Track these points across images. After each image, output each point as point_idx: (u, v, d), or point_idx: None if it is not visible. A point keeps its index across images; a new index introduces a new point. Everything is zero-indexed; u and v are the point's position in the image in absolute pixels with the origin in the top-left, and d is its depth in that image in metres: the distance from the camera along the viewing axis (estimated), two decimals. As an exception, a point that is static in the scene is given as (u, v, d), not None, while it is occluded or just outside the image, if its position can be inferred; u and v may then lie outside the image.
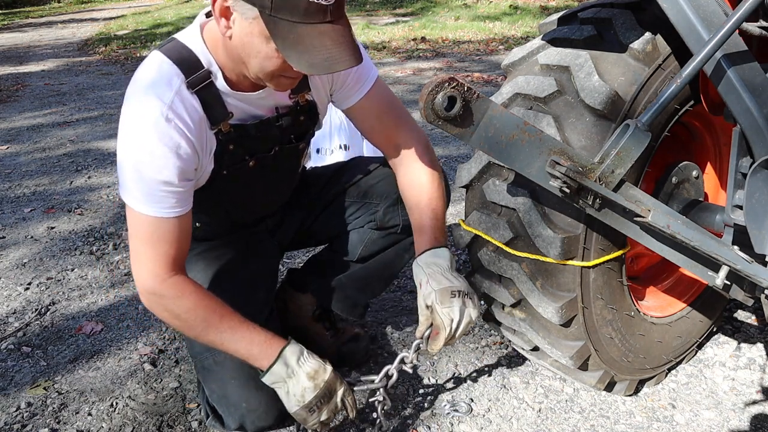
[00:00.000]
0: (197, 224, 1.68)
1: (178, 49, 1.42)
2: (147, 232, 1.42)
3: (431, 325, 1.50)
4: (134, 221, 1.43)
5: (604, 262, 1.52)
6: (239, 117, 1.50)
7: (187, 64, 1.40)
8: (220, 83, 1.43)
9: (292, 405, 1.48)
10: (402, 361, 1.55)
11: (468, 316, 1.47)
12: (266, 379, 1.48)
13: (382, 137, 1.69)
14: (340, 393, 1.50)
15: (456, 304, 1.46)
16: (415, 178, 1.65)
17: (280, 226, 1.90)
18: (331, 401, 1.49)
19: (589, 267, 1.50)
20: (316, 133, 1.79)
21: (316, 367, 1.48)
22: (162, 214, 1.40)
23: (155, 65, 1.41)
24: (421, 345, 1.52)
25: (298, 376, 1.47)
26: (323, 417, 1.49)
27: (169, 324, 1.57)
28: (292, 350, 1.48)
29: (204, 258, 1.73)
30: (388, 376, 1.56)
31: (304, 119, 1.63)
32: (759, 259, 1.43)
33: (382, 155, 1.81)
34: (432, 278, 1.50)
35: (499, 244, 1.53)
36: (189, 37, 1.44)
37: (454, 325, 1.45)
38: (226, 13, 1.27)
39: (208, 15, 1.45)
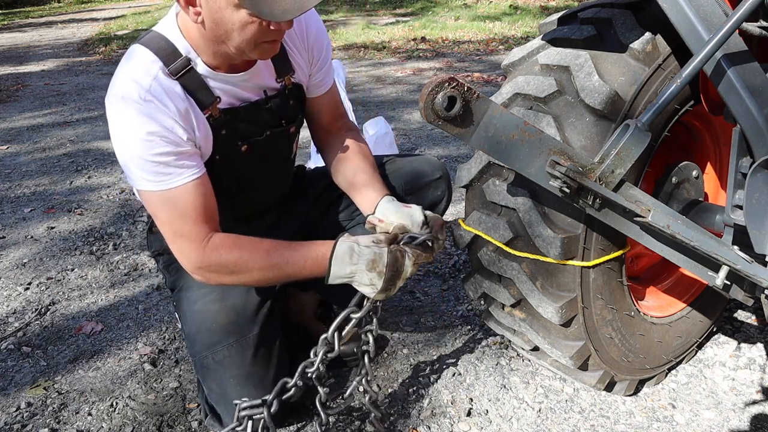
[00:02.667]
0: None
1: (155, 39, 1.45)
2: (163, 208, 1.44)
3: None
4: (149, 203, 1.46)
5: (603, 263, 1.52)
6: (227, 101, 1.53)
7: (165, 52, 1.43)
8: (202, 68, 1.46)
9: (368, 293, 1.47)
10: None
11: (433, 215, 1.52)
12: (332, 282, 1.48)
13: (332, 126, 1.78)
14: (407, 265, 1.45)
15: (416, 211, 1.52)
16: (351, 147, 1.72)
17: (279, 223, 1.90)
18: (402, 273, 1.45)
19: (588, 267, 1.50)
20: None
21: (371, 257, 1.43)
22: (169, 186, 1.42)
23: (133, 56, 1.44)
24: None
25: (359, 272, 1.44)
26: (401, 283, 1.47)
27: (233, 284, 1.56)
28: (342, 250, 1.44)
29: None
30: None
31: (293, 102, 1.67)
32: (759, 259, 1.43)
33: (381, 155, 1.82)
34: (390, 217, 1.54)
35: (499, 244, 1.53)
36: (166, 28, 1.47)
37: (429, 215, 1.49)
38: (190, 0, 1.31)
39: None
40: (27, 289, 2.56)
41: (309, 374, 1.52)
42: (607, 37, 1.46)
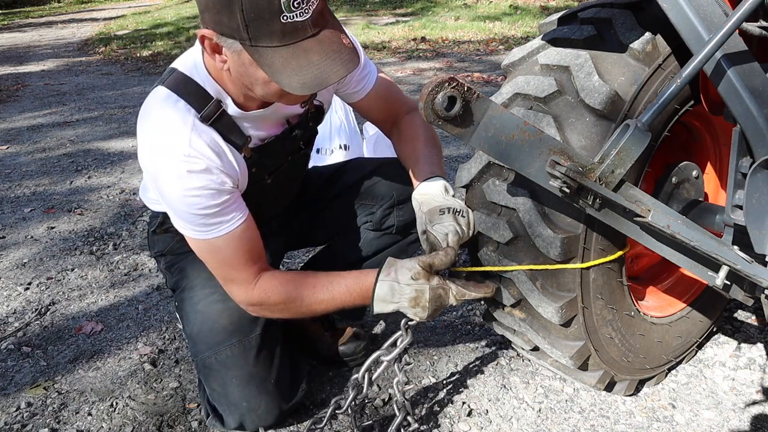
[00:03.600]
0: None
1: (183, 82, 1.41)
2: (210, 256, 1.46)
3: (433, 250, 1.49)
4: (196, 249, 1.48)
5: (601, 264, 1.52)
6: (256, 139, 1.51)
7: (196, 97, 1.39)
8: (232, 109, 1.43)
9: (416, 321, 1.48)
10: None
11: (457, 230, 1.47)
12: (376, 314, 1.49)
13: (387, 120, 1.77)
14: (450, 297, 1.44)
15: (446, 219, 1.47)
16: (412, 128, 1.71)
17: (283, 226, 1.91)
18: (447, 304, 1.46)
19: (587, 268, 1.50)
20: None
21: (413, 295, 1.42)
22: (216, 235, 1.42)
23: (164, 104, 1.39)
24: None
25: (403, 308, 1.45)
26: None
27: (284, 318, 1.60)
28: (383, 292, 1.44)
29: None
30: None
31: (311, 125, 1.66)
32: (759, 259, 1.43)
33: (381, 157, 1.82)
34: (424, 204, 1.52)
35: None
36: (191, 68, 1.42)
37: (449, 239, 1.46)
38: (216, 48, 1.27)
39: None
40: (27, 289, 2.56)
41: (338, 414, 1.57)
42: (607, 37, 1.46)
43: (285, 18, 1.16)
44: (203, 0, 1.21)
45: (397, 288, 1.42)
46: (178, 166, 1.35)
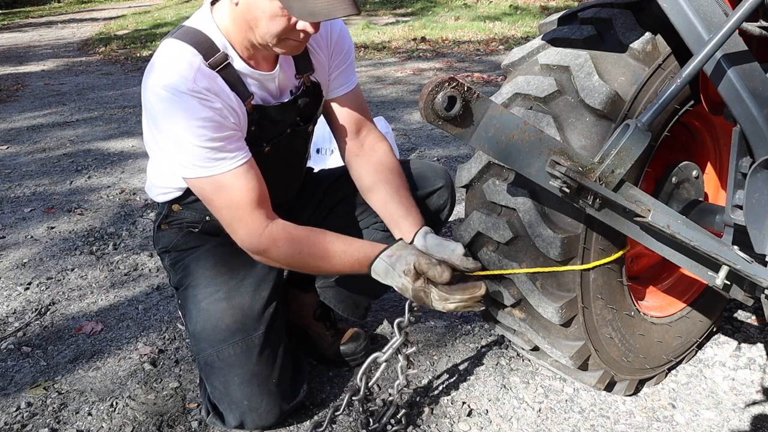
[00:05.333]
0: (207, 218, 1.70)
1: (191, 33, 1.46)
2: (217, 194, 1.47)
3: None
4: (202, 191, 1.49)
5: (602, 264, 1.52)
6: (259, 98, 1.55)
7: (204, 46, 1.44)
8: (238, 63, 1.48)
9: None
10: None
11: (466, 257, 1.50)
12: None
13: (354, 127, 1.75)
14: (432, 301, 1.46)
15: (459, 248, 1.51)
16: (386, 161, 1.71)
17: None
18: (431, 306, 1.47)
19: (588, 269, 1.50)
20: (315, 133, 1.80)
21: (399, 286, 1.46)
22: (221, 170, 1.44)
23: (172, 49, 1.44)
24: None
25: (394, 288, 1.49)
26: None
27: (288, 268, 1.63)
28: (380, 268, 1.48)
29: (213, 255, 1.74)
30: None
31: (310, 100, 1.68)
32: (759, 259, 1.43)
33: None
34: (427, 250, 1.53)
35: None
36: (201, 22, 1.47)
37: (461, 258, 1.48)
38: None
39: (213, 2, 1.49)
40: (27, 289, 2.56)
41: (337, 416, 1.59)
42: (607, 37, 1.46)
43: None
44: None
45: (390, 272, 1.47)
46: (183, 98, 1.38)
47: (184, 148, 1.43)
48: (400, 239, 1.55)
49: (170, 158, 1.48)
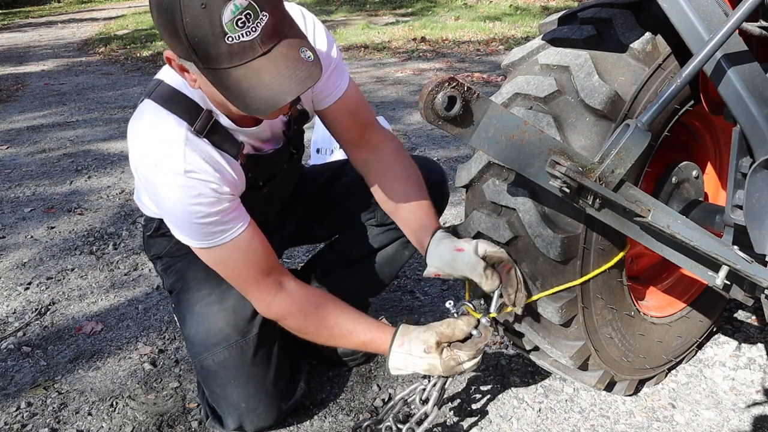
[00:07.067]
0: None
1: (170, 95, 1.38)
2: (221, 266, 1.45)
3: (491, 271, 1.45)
4: (207, 259, 1.46)
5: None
6: (250, 147, 1.51)
7: (186, 109, 1.37)
8: (224, 121, 1.41)
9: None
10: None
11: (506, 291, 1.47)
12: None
13: (355, 134, 1.66)
14: (464, 364, 1.43)
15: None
16: (391, 163, 1.65)
17: (279, 226, 1.90)
18: (461, 372, 1.45)
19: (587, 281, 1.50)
20: (315, 132, 1.80)
21: (426, 368, 1.44)
22: (221, 242, 1.40)
23: (155, 121, 1.37)
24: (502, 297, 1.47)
25: (420, 373, 1.46)
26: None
27: None
28: (396, 363, 1.45)
29: None
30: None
31: (297, 128, 1.64)
32: (759, 259, 1.43)
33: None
34: (461, 243, 1.48)
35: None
36: (179, 80, 1.38)
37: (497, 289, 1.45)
38: (182, 68, 1.23)
39: None
40: (27, 289, 2.56)
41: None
42: (607, 37, 1.46)
43: (230, 39, 1.09)
44: (157, 24, 1.17)
45: (410, 360, 1.43)
46: (176, 180, 1.32)
47: (179, 224, 1.40)
48: (398, 326, 1.50)
49: (169, 226, 1.45)
